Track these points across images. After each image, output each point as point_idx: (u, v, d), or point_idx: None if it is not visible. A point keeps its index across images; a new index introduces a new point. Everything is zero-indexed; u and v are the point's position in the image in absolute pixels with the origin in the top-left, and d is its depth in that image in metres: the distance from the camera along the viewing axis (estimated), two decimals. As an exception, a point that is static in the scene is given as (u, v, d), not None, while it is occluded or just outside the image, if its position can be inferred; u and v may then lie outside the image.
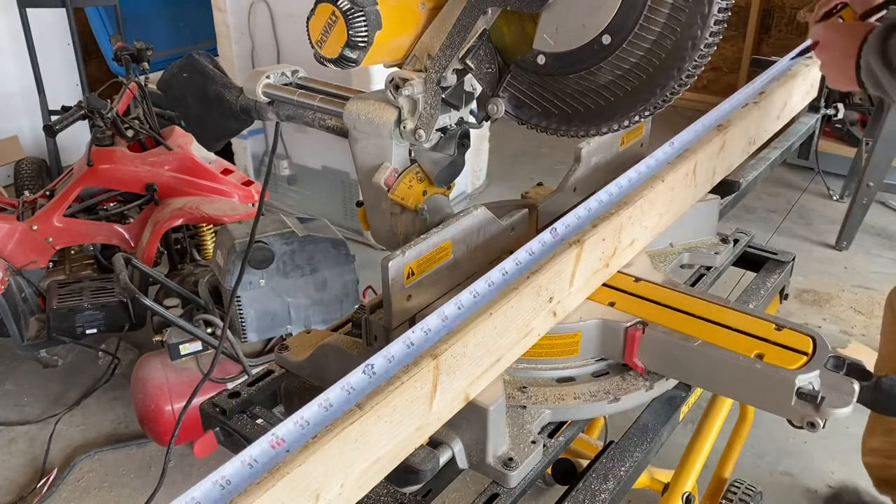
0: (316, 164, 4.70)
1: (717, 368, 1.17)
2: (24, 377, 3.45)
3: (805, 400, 1.09)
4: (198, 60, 1.68)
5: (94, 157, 3.24)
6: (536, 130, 1.32)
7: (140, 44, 3.50)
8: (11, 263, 3.13)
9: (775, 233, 4.61)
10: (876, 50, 1.16)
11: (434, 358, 0.94)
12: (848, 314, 3.81)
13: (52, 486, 2.82)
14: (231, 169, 3.52)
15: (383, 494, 1.08)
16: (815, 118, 2.46)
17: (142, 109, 3.51)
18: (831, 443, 2.95)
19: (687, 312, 1.27)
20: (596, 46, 1.17)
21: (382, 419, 0.88)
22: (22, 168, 4.71)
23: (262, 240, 2.65)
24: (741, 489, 2.15)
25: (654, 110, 1.21)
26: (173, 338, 2.63)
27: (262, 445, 0.83)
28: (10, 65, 5.35)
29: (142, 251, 3.16)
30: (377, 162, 1.36)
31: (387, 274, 1.16)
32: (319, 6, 1.22)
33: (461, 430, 1.11)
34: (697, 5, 1.09)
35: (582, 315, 1.28)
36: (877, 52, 1.16)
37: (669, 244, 1.63)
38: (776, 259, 1.79)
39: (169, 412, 2.66)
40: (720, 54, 6.58)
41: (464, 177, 4.35)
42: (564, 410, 1.23)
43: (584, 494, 1.15)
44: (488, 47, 1.27)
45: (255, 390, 1.36)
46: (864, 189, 4.23)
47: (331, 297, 2.82)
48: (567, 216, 1.27)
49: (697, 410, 1.68)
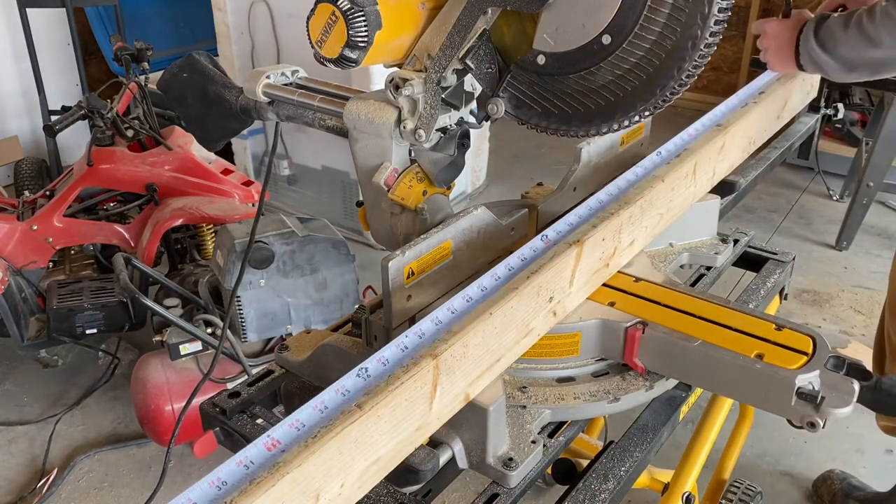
0: (316, 164, 4.70)
1: (717, 368, 1.17)
2: (24, 377, 3.45)
3: (805, 400, 1.09)
4: (198, 60, 1.68)
5: (94, 157, 3.24)
6: (536, 130, 1.32)
7: (140, 44, 3.50)
8: (11, 263, 3.13)
9: (775, 233, 4.61)
10: (811, 37, 1.54)
11: (434, 358, 0.94)
12: (848, 314, 3.81)
13: (52, 486, 2.82)
14: (231, 169, 3.52)
15: (383, 494, 1.08)
16: (815, 118, 2.46)
17: (142, 109, 3.51)
18: (831, 443, 2.95)
19: (687, 312, 1.27)
20: (596, 46, 1.17)
21: (382, 419, 0.88)
22: (22, 168, 4.71)
23: (262, 240, 2.65)
24: (741, 489, 2.15)
25: (654, 110, 1.21)
26: (173, 338, 2.63)
27: (258, 447, 0.83)
28: (10, 65, 5.35)
29: (142, 251, 3.16)
30: (377, 162, 1.36)
31: (387, 274, 1.16)
32: (319, 6, 1.22)
33: (461, 429, 1.11)
34: (697, 5, 1.09)
35: (582, 315, 1.28)
36: (812, 37, 1.54)
37: (669, 244, 1.63)
38: (776, 259, 1.79)
39: (169, 412, 2.66)
40: (720, 54, 6.58)
41: (464, 177, 4.35)
42: (564, 410, 1.23)
43: (584, 494, 1.15)
44: (488, 47, 1.27)
45: (255, 390, 1.36)
46: (864, 189, 4.23)
47: (331, 297, 2.82)
48: (557, 224, 1.28)
49: (697, 410, 1.69)
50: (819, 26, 1.56)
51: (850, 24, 1.50)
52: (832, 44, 1.54)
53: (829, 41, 1.54)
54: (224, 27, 4.68)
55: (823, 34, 1.55)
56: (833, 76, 1.63)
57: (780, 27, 1.67)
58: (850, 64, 1.55)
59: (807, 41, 1.57)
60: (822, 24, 1.55)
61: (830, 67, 1.58)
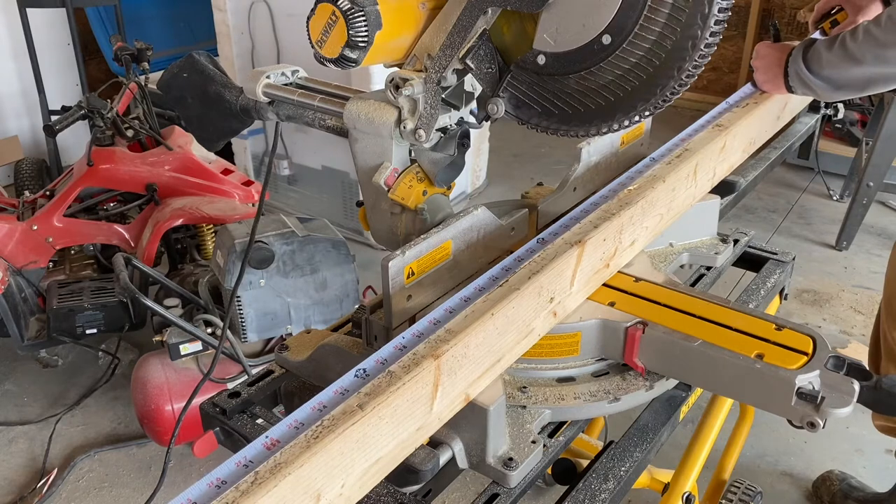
0: (316, 164, 4.70)
1: (717, 368, 1.17)
2: (24, 377, 3.45)
3: (805, 400, 1.09)
4: (198, 60, 1.68)
5: (94, 157, 3.24)
6: (536, 130, 1.32)
7: (140, 44, 3.50)
8: (11, 263, 3.13)
9: (775, 233, 4.61)
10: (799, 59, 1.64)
11: (436, 358, 0.94)
12: (848, 314, 3.81)
13: (52, 486, 2.82)
14: (231, 169, 3.52)
15: (384, 494, 1.08)
16: (815, 118, 2.46)
17: (142, 109, 3.51)
18: (831, 443, 2.95)
19: (687, 312, 1.27)
20: (596, 46, 1.17)
21: (384, 420, 0.88)
22: (22, 168, 4.71)
23: (262, 240, 2.65)
24: (741, 489, 2.15)
25: (654, 110, 1.21)
26: (173, 338, 2.63)
27: (257, 447, 0.83)
28: (10, 65, 5.35)
29: (142, 251, 3.16)
30: (377, 162, 1.36)
31: (387, 274, 1.16)
32: (319, 6, 1.22)
33: (461, 430, 1.11)
34: (697, 5, 1.09)
35: (582, 315, 1.28)
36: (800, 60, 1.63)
37: (669, 244, 1.63)
38: (776, 259, 1.79)
39: (169, 412, 2.66)
40: (720, 54, 6.58)
41: (464, 177, 4.36)
42: (564, 410, 1.23)
43: (584, 494, 1.15)
44: (488, 47, 1.27)
45: (255, 390, 1.36)
46: (864, 189, 4.23)
47: (331, 297, 2.82)
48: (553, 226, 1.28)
49: (697, 410, 1.69)
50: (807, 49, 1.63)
51: (834, 45, 1.57)
52: (818, 65, 1.61)
53: (816, 62, 1.61)
54: (224, 27, 4.68)
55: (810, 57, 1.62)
56: (822, 96, 1.70)
57: (770, 49, 1.76)
58: (836, 83, 1.61)
59: (795, 63, 1.64)
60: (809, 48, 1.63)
61: (818, 87, 1.65)
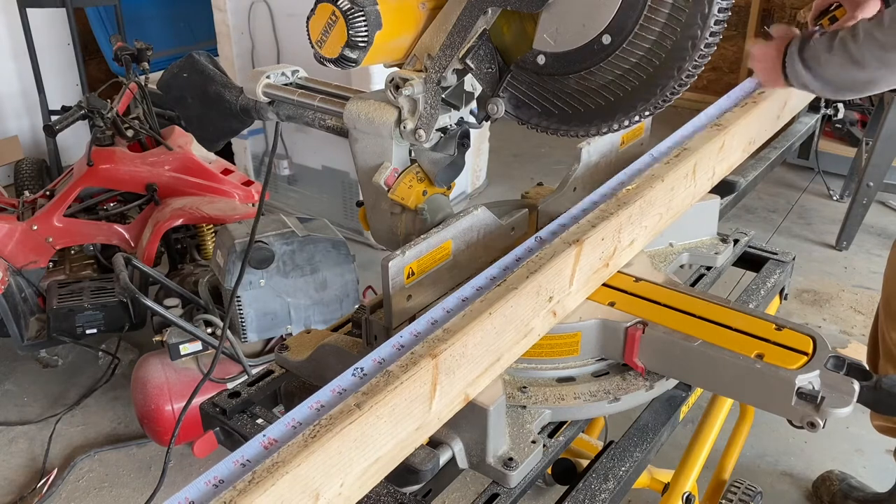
0: (316, 164, 4.70)
1: (717, 368, 1.17)
2: (24, 377, 3.45)
3: (805, 400, 1.09)
4: (198, 60, 1.68)
5: (94, 157, 3.24)
6: (536, 130, 1.32)
7: (140, 44, 3.50)
8: (11, 263, 3.13)
9: (775, 233, 4.61)
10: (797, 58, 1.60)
11: (433, 358, 0.94)
12: (848, 314, 3.81)
13: (52, 486, 2.82)
14: (231, 169, 3.52)
15: (383, 494, 1.08)
16: (815, 118, 2.46)
17: (142, 109, 3.51)
18: (831, 443, 2.95)
19: (687, 312, 1.27)
20: (596, 46, 1.17)
21: (382, 419, 0.88)
22: (22, 168, 4.71)
23: (262, 240, 2.65)
24: (741, 489, 2.15)
25: (654, 110, 1.21)
26: (173, 338, 2.63)
27: (255, 446, 0.83)
28: (10, 65, 5.35)
29: (142, 251, 3.16)
30: (377, 162, 1.36)
31: (387, 274, 1.16)
32: (319, 6, 1.22)
33: (461, 429, 1.11)
34: (697, 5, 1.09)
35: (582, 315, 1.28)
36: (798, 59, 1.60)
37: (669, 244, 1.63)
38: (776, 259, 1.79)
39: (169, 412, 2.66)
40: (720, 54, 6.57)
41: (464, 177, 4.35)
42: (564, 410, 1.23)
43: (584, 494, 1.15)
44: (488, 47, 1.27)
45: (255, 390, 1.36)
46: (864, 189, 4.23)
47: (331, 297, 2.82)
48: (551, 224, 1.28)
49: (697, 410, 1.69)
50: (803, 48, 1.59)
51: (834, 47, 1.53)
52: (817, 67, 1.58)
53: (815, 64, 1.58)
54: (224, 27, 4.68)
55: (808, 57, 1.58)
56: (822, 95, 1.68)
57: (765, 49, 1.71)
58: (836, 85, 1.59)
59: (792, 63, 1.61)
60: (805, 46, 1.59)
61: (818, 88, 1.63)
